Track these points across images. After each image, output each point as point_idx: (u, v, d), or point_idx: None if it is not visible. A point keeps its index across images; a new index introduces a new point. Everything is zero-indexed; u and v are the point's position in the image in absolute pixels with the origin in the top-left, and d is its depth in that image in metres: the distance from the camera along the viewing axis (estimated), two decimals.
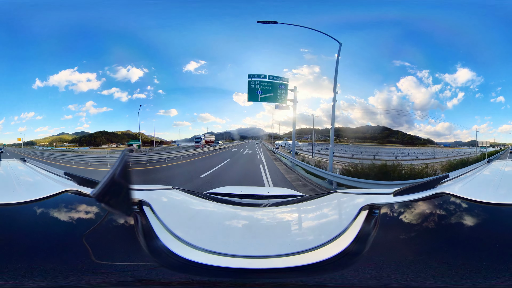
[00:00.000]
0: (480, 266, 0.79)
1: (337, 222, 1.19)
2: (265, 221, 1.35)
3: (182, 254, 0.88)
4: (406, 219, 1.15)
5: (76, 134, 19.25)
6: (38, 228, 1.04)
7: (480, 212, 1.09)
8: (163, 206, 1.30)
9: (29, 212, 1.12)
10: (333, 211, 1.44)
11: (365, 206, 1.18)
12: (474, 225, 1.03)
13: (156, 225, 1.04)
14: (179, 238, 0.96)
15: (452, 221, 1.09)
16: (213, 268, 0.84)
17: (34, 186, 1.57)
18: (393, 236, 1.02)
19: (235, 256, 0.88)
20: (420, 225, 1.08)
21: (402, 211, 1.21)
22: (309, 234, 1.13)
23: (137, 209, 1.14)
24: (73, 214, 1.15)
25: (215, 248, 0.91)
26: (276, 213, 1.48)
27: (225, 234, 1.12)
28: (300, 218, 1.43)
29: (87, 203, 1.21)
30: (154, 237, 0.97)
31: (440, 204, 1.21)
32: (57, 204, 1.20)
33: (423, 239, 0.99)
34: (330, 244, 0.94)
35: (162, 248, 0.92)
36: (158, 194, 1.54)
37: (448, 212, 1.15)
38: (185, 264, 0.85)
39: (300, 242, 1.02)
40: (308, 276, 0.82)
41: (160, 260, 0.87)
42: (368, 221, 1.07)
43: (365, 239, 0.95)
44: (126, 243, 0.96)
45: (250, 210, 1.48)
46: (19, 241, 0.93)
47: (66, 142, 18.95)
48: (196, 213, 1.42)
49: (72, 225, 1.07)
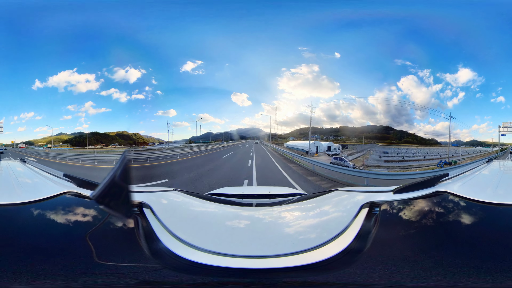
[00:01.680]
0: (478, 265, 0.80)
1: (338, 220, 1.20)
2: (268, 221, 1.36)
3: (186, 255, 0.88)
4: (406, 216, 1.16)
5: (74, 135, 19.42)
6: (37, 229, 1.04)
7: (479, 211, 1.10)
8: (164, 208, 1.30)
9: (29, 213, 1.12)
10: (335, 209, 1.45)
11: (365, 204, 1.18)
12: (473, 224, 1.04)
13: (157, 227, 1.04)
14: (181, 240, 0.96)
15: (450, 220, 1.10)
16: (219, 268, 0.84)
17: (33, 187, 1.56)
18: (393, 233, 1.03)
19: (239, 257, 0.89)
20: (419, 223, 1.09)
21: (402, 209, 1.22)
22: (312, 232, 1.14)
23: (137, 211, 1.14)
24: (72, 216, 1.14)
25: (218, 249, 0.91)
26: (278, 212, 1.48)
27: (228, 234, 1.12)
28: (302, 216, 1.43)
29: (87, 205, 1.20)
30: (156, 239, 0.97)
31: (439, 202, 1.21)
32: (56, 205, 1.19)
33: (422, 237, 1.00)
34: (333, 242, 0.94)
35: (164, 250, 0.91)
36: (158, 196, 1.54)
37: (447, 210, 1.16)
38: (190, 266, 0.85)
39: (303, 240, 1.03)
40: (313, 275, 0.83)
41: (163, 262, 0.87)
42: (368, 218, 1.07)
43: (366, 237, 0.96)
44: (127, 245, 0.96)
45: (252, 210, 1.48)
46: (19, 241, 0.93)
47: (60, 142, 19.20)
48: (198, 215, 1.42)
49: (71, 226, 1.06)
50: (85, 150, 18.75)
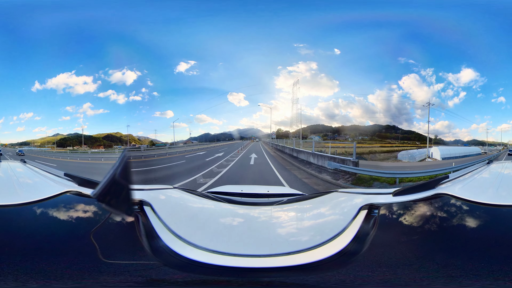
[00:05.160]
0: (478, 268, 0.79)
1: (336, 221, 1.19)
2: (265, 220, 1.36)
3: (184, 253, 0.89)
4: (405, 219, 1.15)
5: (70, 135, 19.72)
6: (39, 229, 1.04)
7: (480, 213, 1.09)
8: (164, 206, 1.30)
9: (30, 213, 1.12)
10: (333, 211, 1.44)
11: (364, 206, 1.17)
12: (474, 226, 1.03)
13: (157, 224, 1.04)
14: (180, 238, 0.97)
15: (451, 222, 1.08)
16: (215, 267, 0.84)
17: (34, 187, 1.57)
18: (391, 236, 1.03)
19: (236, 255, 0.89)
20: (419, 226, 1.08)
21: (401, 212, 1.21)
22: (308, 233, 1.13)
23: (138, 209, 1.14)
24: (74, 214, 1.15)
25: (216, 247, 0.92)
26: (273, 211, 1.48)
27: (226, 233, 1.12)
28: (297, 217, 1.43)
29: (88, 203, 1.21)
30: (156, 236, 0.97)
31: (440, 205, 1.21)
32: (57, 205, 1.20)
33: (422, 240, 0.99)
34: (329, 244, 0.94)
35: (164, 247, 0.92)
36: (158, 194, 1.55)
37: (448, 213, 1.15)
38: (187, 264, 0.86)
39: (299, 241, 1.03)
40: (307, 275, 0.83)
41: (163, 260, 0.87)
42: (367, 220, 1.07)
43: (363, 239, 0.95)
44: (129, 243, 0.97)
45: (248, 208, 1.48)
46: (20, 242, 0.93)
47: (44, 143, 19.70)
48: (197, 212, 1.42)
49: (74, 226, 1.07)
50: (61, 150, 19.14)
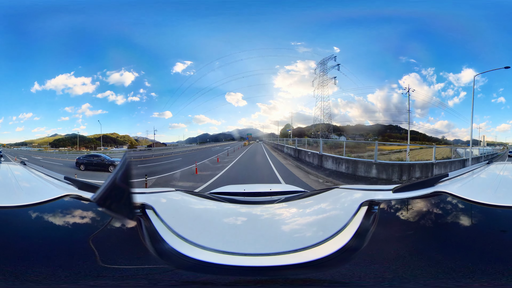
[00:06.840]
0: (474, 267, 0.81)
1: (337, 217, 1.21)
2: (268, 218, 1.37)
3: (193, 255, 0.89)
4: (404, 216, 1.17)
5: (68, 136, 19.67)
6: (37, 232, 1.03)
7: (477, 212, 1.11)
8: (166, 209, 1.30)
9: (29, 216, 1.10)
10: (333, 207, 1.46)
11: (364, 202, 1.19)
12: (470, 225, 1.05)
13: (161, 228, 1.04)
14: (186, 240, 0.97)
15: (448, 220, 1.10)
16: (228, 267, 0.85)
17: (34, 190, 1.56)
18: (391, 232, 1.04)
19: (246, 255, 0.90)
20: (417, 223, 1.10)
21: (400, 208, 1.23)
22: (311, 229, 1.15)
23: (140, 212, 1.13)
24: (73, 219, 1.14)
25: (224, 248, 0.92)
26: (275, 209, 1.49)
27: (231, 233, 1.13)
28: (300, 213, 1.45)
29: (88, 207, 1.20)
30: (161, 240, 0.97)
31: (438, 202, 1.23)
32: (57, 208, 1.19)
33: (420, 237, 1.01)
34: (332, 240, 0.95)
35: (171, 250, 0.92)
36: (160, 197, 1.55)
37: (445, 211, 1.17)
38: (199, 265, 0.86)
39: (303, 237, 1.04)
40: (313, 272, 0.84)
41: (171, 262, 0.87)
42: (367, 216, 1.08)
43: (364, 235, 0.97)
44: (132, 247, 0.96)
45: (250, 207, 1.49)
46: (18, 244, 0.92)
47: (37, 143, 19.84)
48: (200, 214, 1.43)
49: (72, 230, 1.06)
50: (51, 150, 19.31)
